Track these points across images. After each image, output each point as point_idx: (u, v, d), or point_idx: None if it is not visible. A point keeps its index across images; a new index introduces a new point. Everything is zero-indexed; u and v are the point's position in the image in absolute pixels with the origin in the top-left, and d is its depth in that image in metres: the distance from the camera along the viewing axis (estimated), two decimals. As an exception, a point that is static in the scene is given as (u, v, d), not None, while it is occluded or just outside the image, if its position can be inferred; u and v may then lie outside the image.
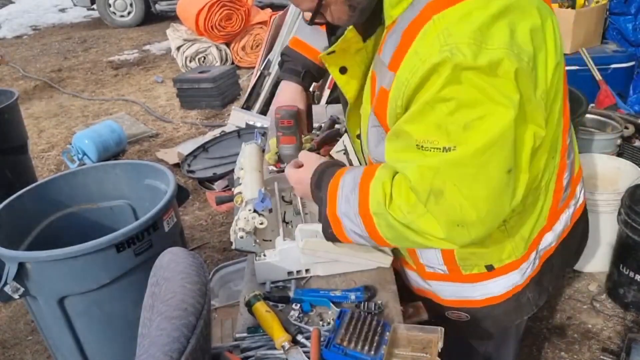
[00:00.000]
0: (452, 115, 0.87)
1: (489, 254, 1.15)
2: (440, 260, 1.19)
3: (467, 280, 1.20)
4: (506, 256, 1.16)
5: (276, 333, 1.04)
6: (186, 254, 0.97)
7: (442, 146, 0.89)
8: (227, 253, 3.16)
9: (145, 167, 2.13)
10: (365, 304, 1.14)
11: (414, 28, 0.90)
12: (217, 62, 6.44)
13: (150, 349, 0.77)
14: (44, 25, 10.57)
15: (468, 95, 0.85)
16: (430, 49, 0.86)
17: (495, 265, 1.17)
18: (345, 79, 1.12)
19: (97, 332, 1.84)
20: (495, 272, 1.18)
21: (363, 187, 1.03)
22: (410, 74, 0.89)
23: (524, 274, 1.20)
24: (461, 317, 1.26)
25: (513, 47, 0.85)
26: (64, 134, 5.13)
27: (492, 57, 0.83)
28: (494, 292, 1.21)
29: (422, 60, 0.86)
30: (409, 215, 0.96)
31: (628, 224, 2.33)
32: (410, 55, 0.90)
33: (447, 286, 1.24)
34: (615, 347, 2.29)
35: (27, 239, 1.95)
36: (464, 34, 0.84)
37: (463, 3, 0.87)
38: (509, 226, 1.11)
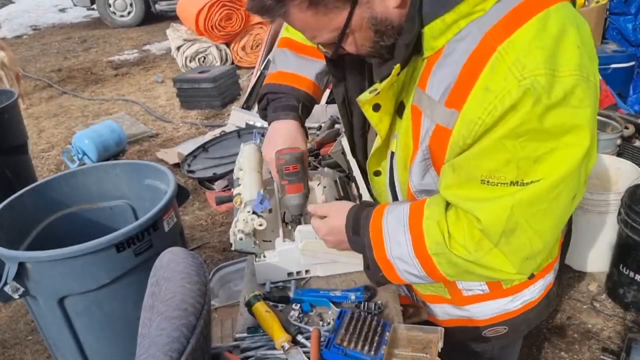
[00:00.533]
0: (524, 150, 0.82)
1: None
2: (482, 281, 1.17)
3: (508, 294, 1.19)
4: (544, 260, 1.16)
5: (276, 333, 1.04)
6: (186, 254, 0.97)
7: (509, 181, 0.86)
8: (227, 253, 3.16)
9: (145, 167, 2.13)
10: (365, 304, 1.14)
11: (477, 62, 0.84)
12: (217, 62, 6.44)
13: (150, 349, 0.77)
14: (44, 25, 10.58)
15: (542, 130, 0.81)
16: (506, 84, 0.80)
17: (536, 272, 1.11)
18: (378, 116, 1.01)
19: (97, 332, 1.84)
20: (535, 277, 1.17)
21: (415, 229, 0.99)
22: (484, 112, 0.82)
23: (556, 271, 1.23)
24: (499, 332, 1.25)
25: (582, 70, 0.81)
26: (64, 133, 5.13)
27: (566, 86, 0.79)
28: (532, 298, 1.21)
29: (499, 98, 0.80)
30: (476, 254, 0.93)
31: (628, 224, 2.33)
32: (480, 91, 0.83)
33: (486, 306, 1.21)
34: (615, 347, 2.29)
35: (27, 239, 1.95)
36: (538, 63, 0.79)
37: (524, 27, 0.81)
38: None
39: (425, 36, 0.90)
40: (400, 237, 1.00)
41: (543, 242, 0.92)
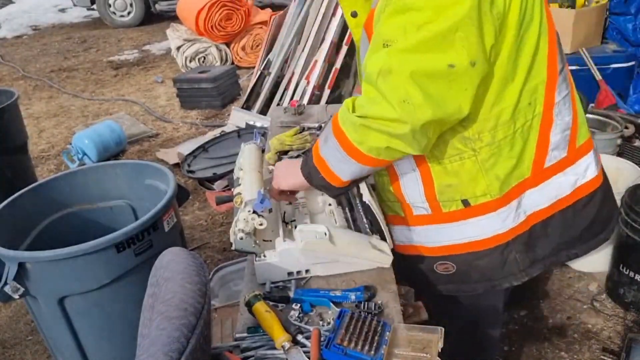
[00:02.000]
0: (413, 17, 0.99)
1: (462, 186, 1.21)
2: (422, 195, 1.26)
3: (447, 219, 1.26)
4: (480, 193, 1.21)
5: (276, 333, 1.04)
6: (186, 254, 0.97)
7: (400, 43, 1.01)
8: (227, 253, 3.16)
9: (145, 167, 2.13)
10: (365, 304, 1.14)
11: None
12: (217, 62, 6.44)
13: (151, 348, 0.77)
14: (43, 25, 10.57)
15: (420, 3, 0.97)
16: None
17: (471, 201, 1.22)
18: (355, 21, 1.27)
19: (97, 332, 1.84)
20: (472, 209, 1.23)
21: (334, 120, 1.15)
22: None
23: (504, 221, 1.23)
24: (448, 269, 1.32)
25: None
26: (64, 133, 5.13)
27: None
28: (473, 236, 1.26)
29: None
30: (366, 105, 1.06)
31: (628, 224, 2.33)
32: None
33: (430, 230, 1.30)
34: (615, 347, 2.29)
35: (27, 239, 1.94)
36: None
37: None
38: (480, 158, 1.17)
39: None
40: (328, 134, 1.15)
41: (419, 88, 1.00)
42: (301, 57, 4.55)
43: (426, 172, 1.23)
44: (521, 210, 1.24)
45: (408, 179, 1.27)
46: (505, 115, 1.14)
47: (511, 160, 1.19)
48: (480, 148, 1.17)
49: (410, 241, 1.36)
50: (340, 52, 4.39)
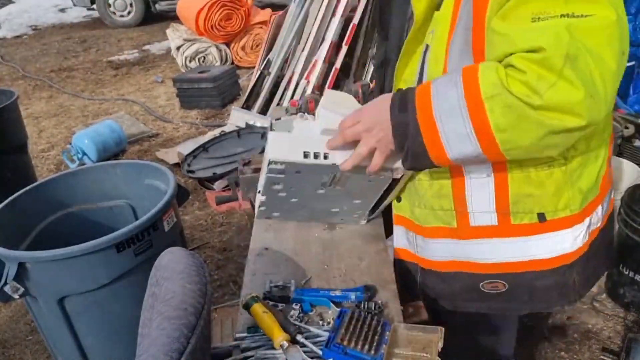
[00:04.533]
0: None
1: (545, 197, 1.08)
2: (492, 202, 1.11)
3: (515, 233, 1.12)
4: (562, 206, 1.09)
5: (274, 333, 1.04)
6: (186, 254, 0.97)
7: (559, 14, 0.85)
8: (227, 253, 3.16)
9: (145, 167, 2.13)
10: (365, 304, 1.14)
11: None
12: (217, 62, 6.45)
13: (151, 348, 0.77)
14: (43, 25, 10.57)
15: None
16: None
17: (548, 215, 1.09)
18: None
19: (97, 332, 1.84)
20: (547, 225, 1.10)
21: (469, 79, 0.92)
22: None
23: (575, 239, 1.12)
24: (497, 288, 1.18)
25: None
26: (64, 133, 5.13)
27: None
28: (539, 254, 1.13)
29: None
30: (539, 85, 0.86)
31: (628, 224, 2.33)
32: None
33: (487, 245, 1.15)
34: (615, 347, 2.28)
35: (27, 239, 1.95)
36: None
37: None
38: (569, 168, 1.06)
39: None
40: (450, 90, 0.94)
41: (604, 84, 0.87)
42: (301, 57, 4.55)
43: (503, 178, 1.08)
44: (589, 229, 1.14)
45: (477, 184, 1.11)
46: (602, 124, 1.03)
47: (594, 173, 1.10)
48: (573, 157, 1.05)
49: (455, 256, 1.20)
50: (340, 52, 4.39)
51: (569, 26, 0.85)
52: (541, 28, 0.87)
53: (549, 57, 0.85)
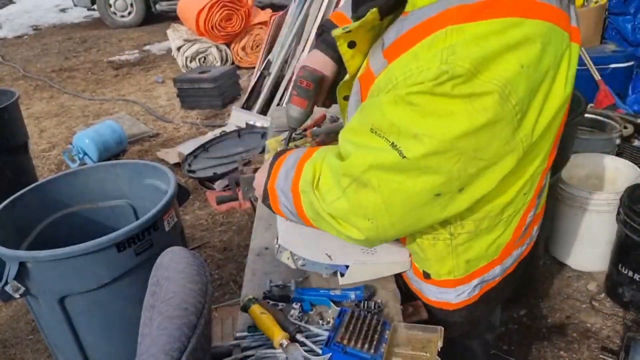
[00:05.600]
0: (410, 120, 0.84)
1: (428, 262, 1.16)
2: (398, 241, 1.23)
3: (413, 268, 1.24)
4: (445, 272, 1.15)
5: (274, 333, 1.04)
6: (187, 254, 0.97)
7: (391, 140, 0.87)
8: (227, 252, 3.17)
9: (145, 167, 2.14)
10: (365, 303, 1.14)
11: (425, 28, 0.86)
12: (218, 62, 6.45)
13: (151, 348, 0.77)
14: (44, 26, 10.58)
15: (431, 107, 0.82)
16: (431, 62, 0.81)
17: (432, 275, 1.17)
18: (351, 53, 1.09)
19: (98, 331, 1.84)
20: (431, 281, 1.19)
21: (299, 166, 1.06)
22: (402, 75, 0.85)
23: (458, 295, 1.18)
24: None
25: (507, 87, 0.80)
26: (65, 133, 5.13)
27: (476, 89, 0.79)
28: (424, 293, 1.23)
29: (418, 69, 0.82)
30: (327, 196, 0.99)
31: (627, 224, 2.34)
32: (410, 56, 0.87)
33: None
34: (614, 346, 2.29)
35: (27, 239, 1.95)
36: (467, 57, 0.78)
37: (483, 22, 0.80)
38: (455, 243, 1.09)
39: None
40: (289, 172, 1.08)
41: (389, 216, 0.94)
42: (301, 57, 4.55)
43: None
44: (479, 286, 1.18)
45: None
46: (497, 209, 1.03)
47: (485, 245, 1.10)
48: (459, 234, 1.07)
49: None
50: (340, 52, 4.39)
51: (377, 157, 0.89)
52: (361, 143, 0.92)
53: (342, 172, 0.95)
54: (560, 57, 0.87)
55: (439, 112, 0.82)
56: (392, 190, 0.90)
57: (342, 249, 1.20)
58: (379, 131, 0.88)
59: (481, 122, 0.81)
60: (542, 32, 0.83)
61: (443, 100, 0.81)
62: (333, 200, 0.98)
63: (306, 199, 1.04)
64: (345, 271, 1.21)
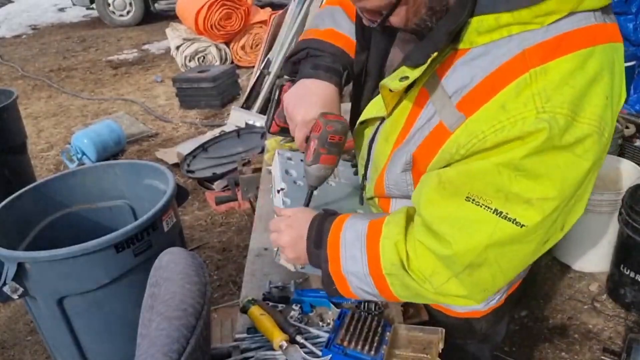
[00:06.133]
0: (518, 185, 0.78)
1: None
2: None
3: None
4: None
5: (273, 334, 1.03)
6: (185, 254, 0.96)
7: (494, 207, 0.81)
8: (227, 253, 3.16)
9: (144, 167, 2.13)
10: (366, 305, 1.14)
11: (504, 75, 0.78)
12: (217, 61, 6.44)
13: (150, 349, 0.76)
14: (43, 25, 10.57)
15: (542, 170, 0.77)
16: (524, 109, 0.75)
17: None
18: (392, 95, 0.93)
19: (97, 332, 1.83)
20: None
21: (371, 247, 0.95)
22: (491, 128, 0.78)
23: (488, 303, 1.17)
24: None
25: (601, 123, 0.77)
26: (63, 133, 5.12)
27: (579, 134, 0.75)
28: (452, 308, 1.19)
29: (511, 121, 0.76)
30: (433, 280, 0.89)
31: (629, 224, 2.33)
32: (495, 107, 0.78)
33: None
34: (616, 347, 2.28)
35: (26, 239, 1.94)
36: (563, 102, 0.74)
37: (564, 59, 0.76)
38: None
39: (469, 28, 0.81)
40: (356, 252, 0.96)
41: (505, 279, 0.90)
42: (301, 56, 4.54)
43: None
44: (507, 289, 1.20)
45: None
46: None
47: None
48: None
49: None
50: (340, 51, 4.38)
51: (491, 235, 0.82)
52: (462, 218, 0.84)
53: (451, 258, 0.85)
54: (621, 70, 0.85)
55: (549, 172, 0.77)
56: (510, 260, 0.86)
57: None
58: (478, 199, 0.81)
59: (587, 168, 0.78)
60: (610, 56, 0.81)
61: (550, 155, 0.76)
62: (442, 283, 0.89)
63: (397, 281, 0.93)
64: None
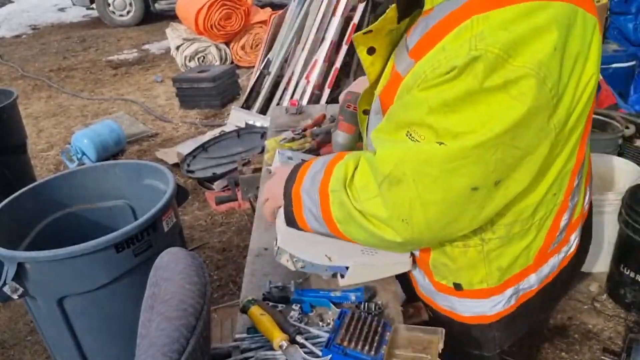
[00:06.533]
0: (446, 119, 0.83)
1: (459, 272, 1.11)
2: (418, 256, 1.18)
3: (436, 287, 1.17)
4: (477, 281, 1.10)
5: (273, 334, 1.03)
6: (185, 254, 0.96)
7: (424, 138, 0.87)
8: (227, 253, 3.16)
9: (144, 167, 2.13)
10: (366, 305, 1.13)
11: (450, 22, 0.85)
12: (217, 61, 6.44)
13: (150, 349, 0.76)
14: (43, 25, 10.57)
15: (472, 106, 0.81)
16: (459, 50, 0.80)
17: (464, 286, 1.12)
18: (371, 59, 1.06)
19: (97, 332, 1.83)
20: (463, 293, 1.13)
21: (329, 168, 1.03)
22: (430, 68, 0.84)
23: (493, 306, 1.14)
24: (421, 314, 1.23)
25: (541, 69, 0.79)
26: (63, 133, 5.12)
27: (510, 75, 0.78)
28: (458, 310, 1.17)
29: (447, 59, 0.81)
30: (362, 194, 0.95)
31: (629, 224, 2.33)
32: (437, 50, 0.85)
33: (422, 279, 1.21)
34: (616, 347, 2.28)
35: (26, 239, 1.94)
36: (496, 42, 0.78)
37: (509, 8, 0.79)
38: (486, 249, 1.06)
39: None
40: (316, 175, 1.05)
41: (424, 214, 0.90)
42: (301, 56, 4.55)
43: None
44: (515, 295, 1.14)
45: None
46: (528, 211, 1.01)
47: (518, 250, 1.07)
48: (490, 239, 1.04)
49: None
50: (340, 51, 4.39)
51: (410, 148, 0.87)
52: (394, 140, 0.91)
53: (375, 164, 0.93)
54: (590, 42, 0.86)
55: (477, 109, 0.80)
56: (428, 185, 0.88)
57: (341, 250, 1.18)
58: (412, 131, 0.87)
59: (522, 111, 0.80)
60: (568, 14, 0.82)
61: (479, 94, 0.79)
62: (368, 198, 0.94)
63: (336, 199, 1.00)
64: (345, 272, 1.20)
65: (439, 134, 0.84)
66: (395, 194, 0.91)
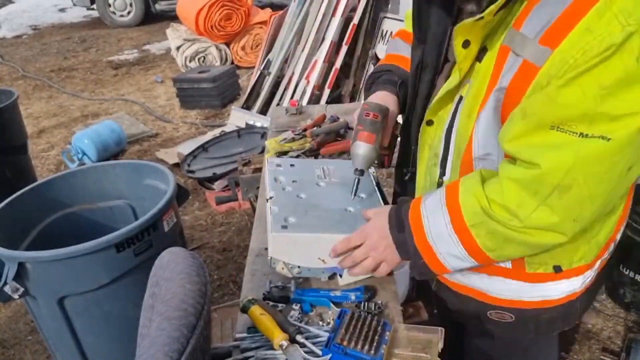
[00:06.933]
0: (604, 104, 0.81)
1: (562, 253, 1.08)
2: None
3: (528, 279, 1.13)
4: (577, 259, 1.10)
5: (273, 334, 1.04)
6: (186, 254, 0.97)
7: (579, 131, 0.83)
8: (227, 253, 3.16)
9: (145, 167, 2.13)
10: (366, 304, 1.14)
11: (583, 4, 0.82)
12: (217, 62, 6.45)
13: (150, 349, 0.77)
14: (43, 25, 10.57)
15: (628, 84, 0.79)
16: (609, 27, 0.78)
17: (564, 267, 1.11)
18: (465, 53, 0.98)
19: (97, 332, 1.83)
20: (562, 274, 1.12)
21: (452, 204, 1.00)
22: (579, 51, 0.80)
23: (584, 281, 1.15)
24: (504, 318, 1.20)
25: None
26: (64, 133, 5.13)
27: None
28: (551, 296, 1.15)
29: (598, 40, 0.79)
30: (519, 212, 0.92)
31: (628, 224, 2.32)
32: (580, 31, 0.81)
33: (502, 282, 1.16)
34: (615, 347, 2.28)
35: (26, 239, 1.94)
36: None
37: None
38: (589, 227, 1.04)
39: None
40: (438, 217, 1.01)
41: (592, 207, 0.90)
42: (301, 57, 4.55)
43: None
44: (599, 266, 1.16)
45: None
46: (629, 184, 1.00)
47: (612, 224, 1.10)
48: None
49: (468, 283, 1.21)
50: (340, 52, 4.39)
51: (578, 152, 0.84)
52: (549, 144, 0.87)
53: (539, 179, 0.89)
54: None
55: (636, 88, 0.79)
56: (597, 181, 0.87)
57: None
58: (563, 125, 0.84)
59: None
60: None
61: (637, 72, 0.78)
62: (530, 212, 0.91)
63: (482, 231, 0.97)
64: (343, 272, 1.20)
65: (594, 119, 0.82)
66: (566, 200, 0.89)
